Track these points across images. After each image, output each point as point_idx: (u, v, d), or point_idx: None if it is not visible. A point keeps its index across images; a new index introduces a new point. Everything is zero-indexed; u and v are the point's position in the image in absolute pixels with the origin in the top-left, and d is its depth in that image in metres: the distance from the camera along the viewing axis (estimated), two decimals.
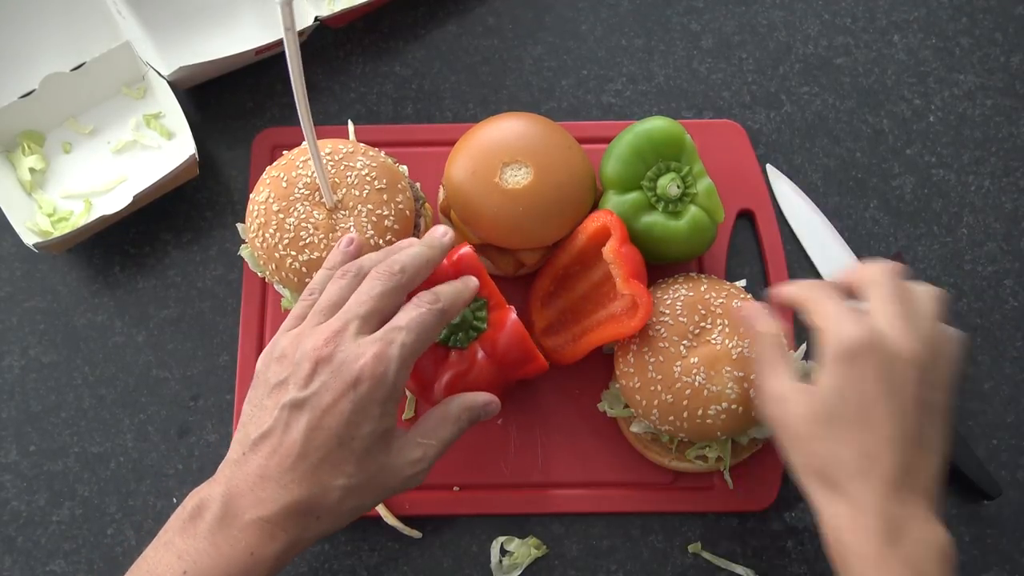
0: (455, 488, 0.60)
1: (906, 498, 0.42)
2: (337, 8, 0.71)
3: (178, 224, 0.67)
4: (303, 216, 0.54)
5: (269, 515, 0.41)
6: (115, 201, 0.64)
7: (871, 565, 0.41)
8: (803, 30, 0.73)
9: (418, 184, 0.61)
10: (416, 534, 0.59)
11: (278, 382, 0.44)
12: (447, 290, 0.48)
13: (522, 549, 0.59)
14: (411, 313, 0.45)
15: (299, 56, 0.42)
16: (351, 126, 0.65)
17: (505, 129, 0.59)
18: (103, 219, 0.62)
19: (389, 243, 0.55)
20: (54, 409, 0.62)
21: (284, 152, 0.59)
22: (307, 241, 0.54)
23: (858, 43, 0.73)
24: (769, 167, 0.69)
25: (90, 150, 0.68)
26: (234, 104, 0.71)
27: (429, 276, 0.49)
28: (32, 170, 0.66)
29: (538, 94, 0.71)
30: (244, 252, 0.59)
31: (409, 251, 0.48)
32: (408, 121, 0.70)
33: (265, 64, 0.71)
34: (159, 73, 0.66)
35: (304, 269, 0.54)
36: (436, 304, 0.46)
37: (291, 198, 0.55)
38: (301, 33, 0.68)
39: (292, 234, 0.54)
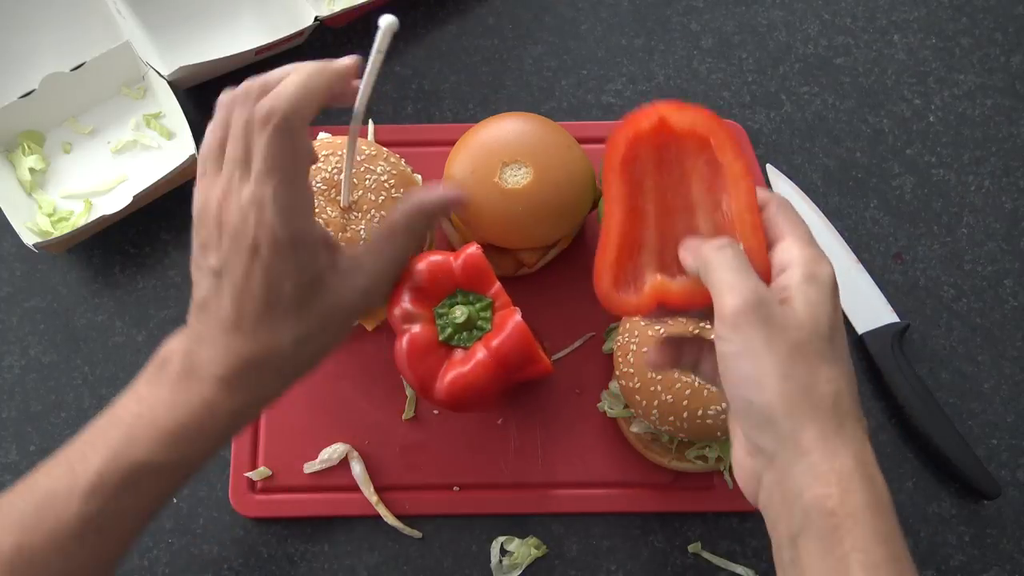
0: (455, 488, 0.60)
1: (844, 424, 0.36)
2: (337, 8, 0.71)
3: (178, 224, 0.67)
4: (317, 211, 0.54)
5: (224, 373, 0.40)
6: (115, 201, 0.64)
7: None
8: (803, 30, 0.73)
9: None
10: (416, 534, 0.59)
11: (200, 244, 0.42)
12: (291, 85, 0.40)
13: (522, 549, 0.59)
14: (259, 140, 0.39)
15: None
16: (371, 126, 0.65)
17: (505, 129, 0.59)
18: (103, 219, 0.62)
19: None
20: (54, 409, 0.62)
21: None
22: None
23: (858, 43, 0.73)
24: (769, 167, 0.69)
25: (90, 150, 0.68)
26: None
27: (436, 269, 0.50)
28: (32, 170, 0.66)
29: (538, 94, 0.71)
30: None
31: (280, 89, 0.40)
32: (408, 121, 0.70)
33: (265, 64, 0.70)
34: (159, 73, 0.66)
35: None
36: (274, 114, 0.39)
37: None
38: (300, 33, 0.68)
39: None
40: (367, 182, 0.55)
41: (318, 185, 0.55)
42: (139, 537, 0.43)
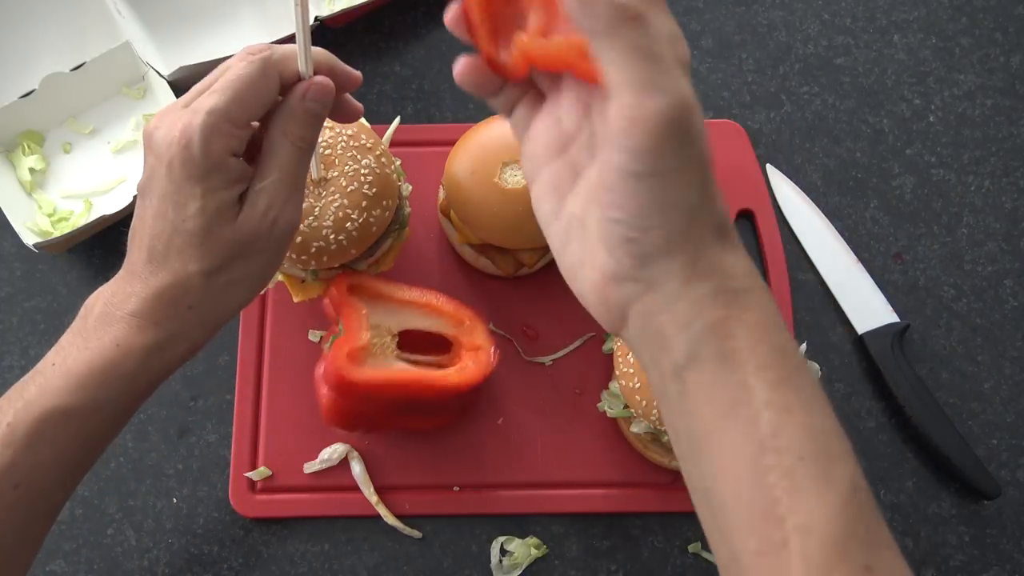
0: (455, 488, 0.60)
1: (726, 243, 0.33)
2: (337, 8, 0.71)
3: None
4: None
5: (136, 309, 0.40)
6: (115, 201, 0.64)
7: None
8: (803, 30, 0.73)
9: (408, 210, 0.60)
10: (416, 534, 0.59)
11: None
12: (288, 47, 0.40)
13: (522, 549, 0.59)
14: (228, 72, 0.39)
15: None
16: (395, 124, 0.63)
17: (505, 129, 0.58)
18: (103, 219, 0.62)
19: (340, 242, 0.54)
20: None
21: None
22: None
23: (858, 43, 0.73)
24: (769, 167, 0.69)
25: (90, 150, 0.68)
26: None
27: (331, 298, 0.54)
28: (32, 170, 0.66)
29: None
30: None
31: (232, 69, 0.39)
32: (408, 121, 0.70)
33: None
34: (159, 73, 0.66)
35: None
36: (261, 54, 0.39)
37: None
38: None
39: None
40: (346, 168, 0.55)
41: None
42: (66, 495, 0.42)
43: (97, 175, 0.67)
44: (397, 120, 0.63)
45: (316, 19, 0.68)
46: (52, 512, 0.42)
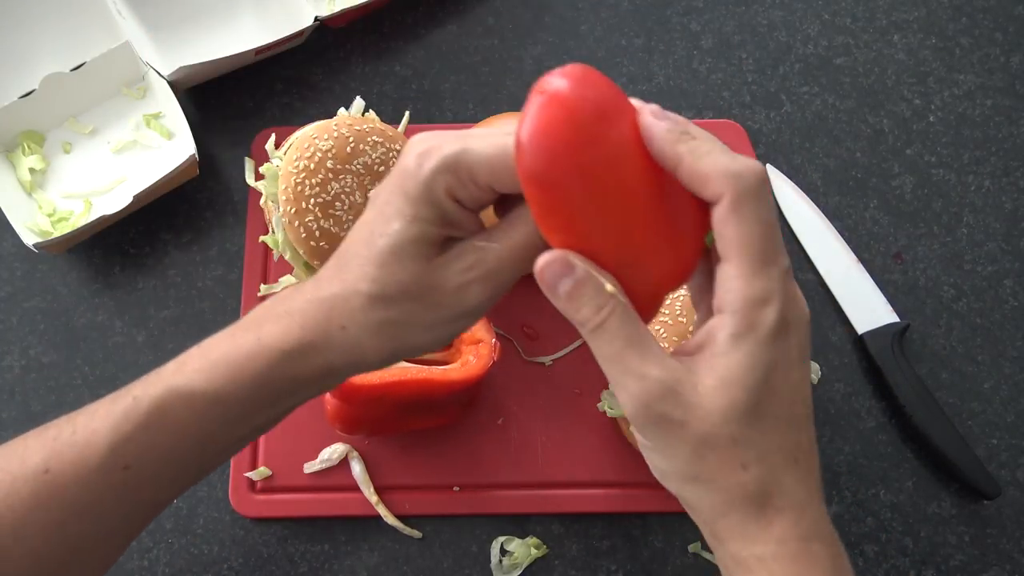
0: (455, 488, 0.60)
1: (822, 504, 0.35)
2: (337, 8, 0.71)
3: (178, 224, 0.67)
4: (347, 190, 0.55)
5: (292, 308, 0.38)
6: (115, 201, 0.64)
7: None
8: (803, 30, 0.73)
9: None
10: (416, 534, 0.59)
11: None
12: None
13: (522, 549, 0.59)
14: (476, 131, 0.38)
15: None
16: (405, 118, 0.64)
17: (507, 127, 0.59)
18: (103, 219, 0.62)
19: None
20: (54, 409, 0.62)
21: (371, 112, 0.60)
22: (335, 214, 0.55)
23: (858, 43, 0.73)
24: (769, 167, 0.69)
25: (90, 150, 0.68)
26: (234, 104, 0.71)
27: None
28: (32, 170, 0.66)
29: None
30: (265, 169, 0.58)
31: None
32: (408, 121, 0.70)
33: (265, 64, 0.71)
34: (159, 73, 0.66)
35: (317, 233, 0.55)
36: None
37: (347, 166, 0.55)
38: (300, 33, 0.68)
39: (328, 197, 0.55)
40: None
41: (358, 166, 0.55)
42: (168, 495, 0.41)
43: (97, 175, 0.67)
44: (407, 115, 0.64)
45: (316, 19, 0.68)
46: (150, 510, 0.41)
